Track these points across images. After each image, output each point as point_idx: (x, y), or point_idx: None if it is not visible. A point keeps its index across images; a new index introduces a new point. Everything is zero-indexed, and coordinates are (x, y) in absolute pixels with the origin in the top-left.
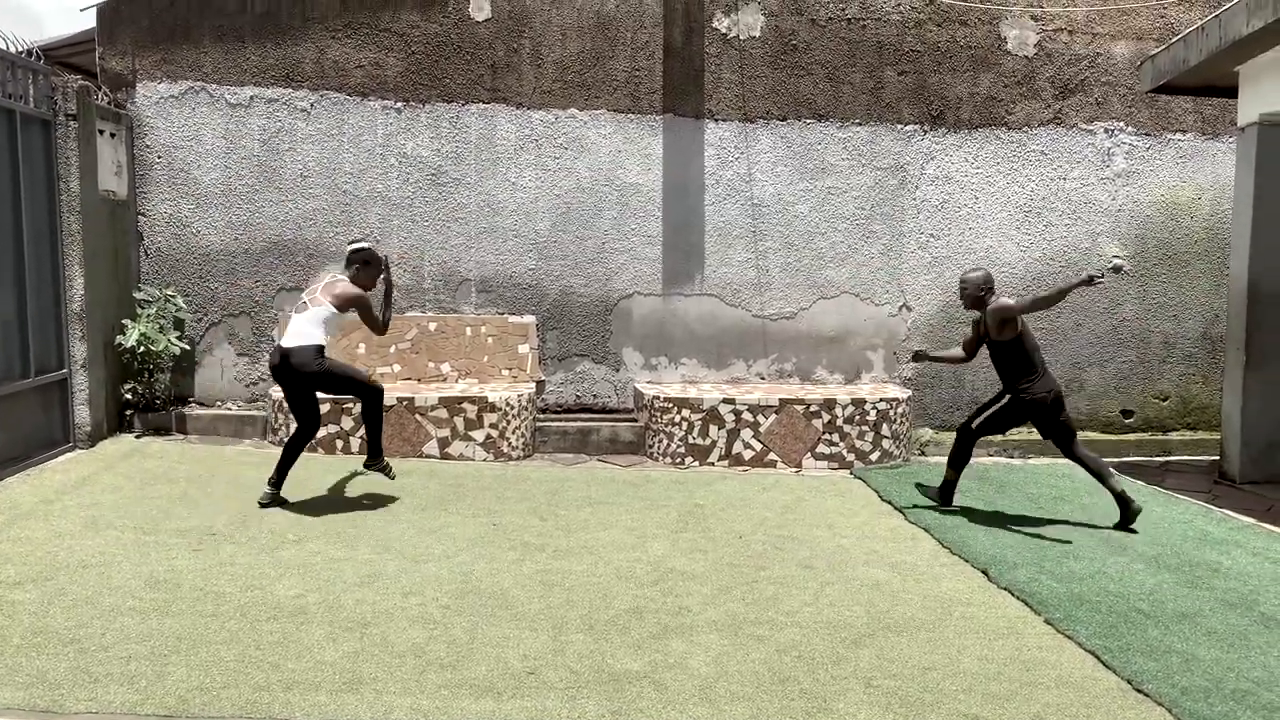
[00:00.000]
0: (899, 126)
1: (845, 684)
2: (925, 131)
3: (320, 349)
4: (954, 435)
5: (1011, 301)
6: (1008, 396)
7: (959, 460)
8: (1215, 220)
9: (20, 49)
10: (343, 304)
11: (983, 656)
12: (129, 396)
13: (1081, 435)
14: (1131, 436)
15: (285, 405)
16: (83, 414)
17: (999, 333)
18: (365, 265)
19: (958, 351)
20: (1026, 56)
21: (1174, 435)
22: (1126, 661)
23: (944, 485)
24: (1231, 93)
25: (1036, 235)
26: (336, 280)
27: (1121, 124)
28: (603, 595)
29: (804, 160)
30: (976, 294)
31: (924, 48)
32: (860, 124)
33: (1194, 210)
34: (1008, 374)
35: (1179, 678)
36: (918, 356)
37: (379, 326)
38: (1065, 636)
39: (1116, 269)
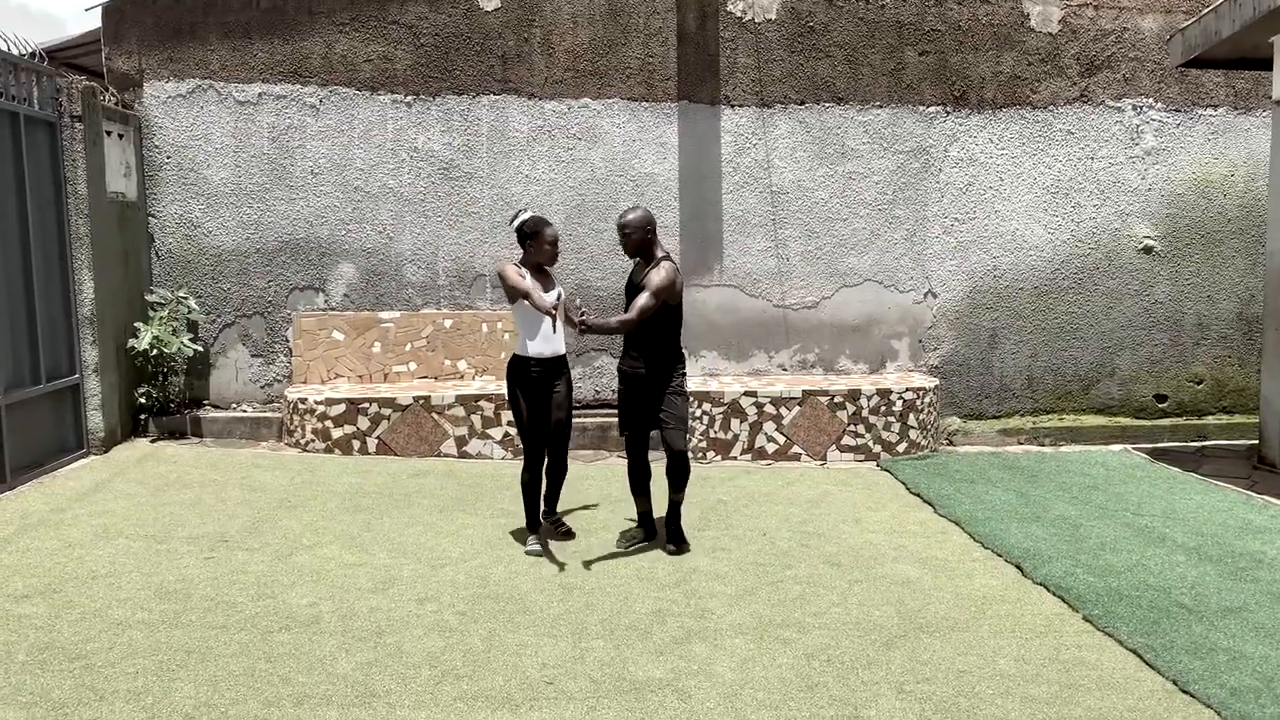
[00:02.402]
0: (921, 108)
1: (876, 689)
2: (948, 113)
3: (513, 358)
4: (980, 423)
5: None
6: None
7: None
8: (1250, 197)
9: (24, 51)
10: (508, 294)
11: (1019, 657)
12: (143, 400)
13: (1114, 421)
14: (1165, 421)
15: (300, 406)
16: (96, 419)
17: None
18: (530, 238)
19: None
20: (1051, 33)
21: (1209, 419)
22: (1171, 660)
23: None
24: (1265, 65)
25: (1064, 217)
26: None
27: (1150, 100)
28: (623, 598)
29: (823, 145)
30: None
31: (945, 26)
32: (881, 106)
33: (1227, 187)
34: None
35: (1227, 677)
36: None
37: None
38: (1105, 634)
39: (1148, 250)
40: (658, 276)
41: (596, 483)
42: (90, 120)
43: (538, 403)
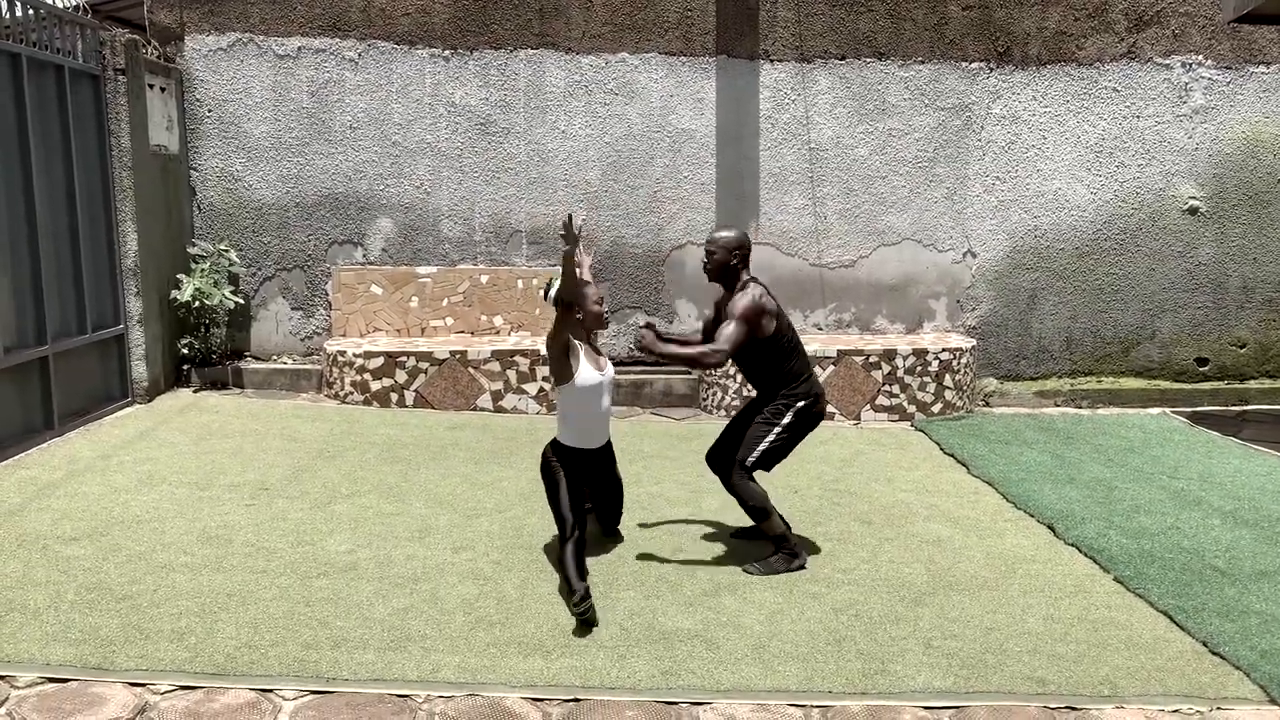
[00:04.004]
0: (963, 64)
1: (904, 645)
2: (991, 69)
3: (552, 442)
4: (1017, 385)
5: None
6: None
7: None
8: None
9: (67, 3)
10: (554, 367)
11: (1048, 616)
12: (185, 351)
13: (1153, 384)
14: (1206, 385)
15: (339, 359)
16: (140, 369)
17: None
18: (570, 305)
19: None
20: None
21: (1251, 384)
22: (1201, 622)
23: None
24: None
25: (1108, 177)
26: None
27: (1200, 57)
28: (655, 551)
29: (863, 101)
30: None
31: None
32: (923, 62)
33: (1278, 148)
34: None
35: (1258, 640)
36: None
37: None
38: (1136, 595)
39: (1193, 210)
40: (741, 301)
41: (630, 439)
42: (133, 73)
43: (577, 487)
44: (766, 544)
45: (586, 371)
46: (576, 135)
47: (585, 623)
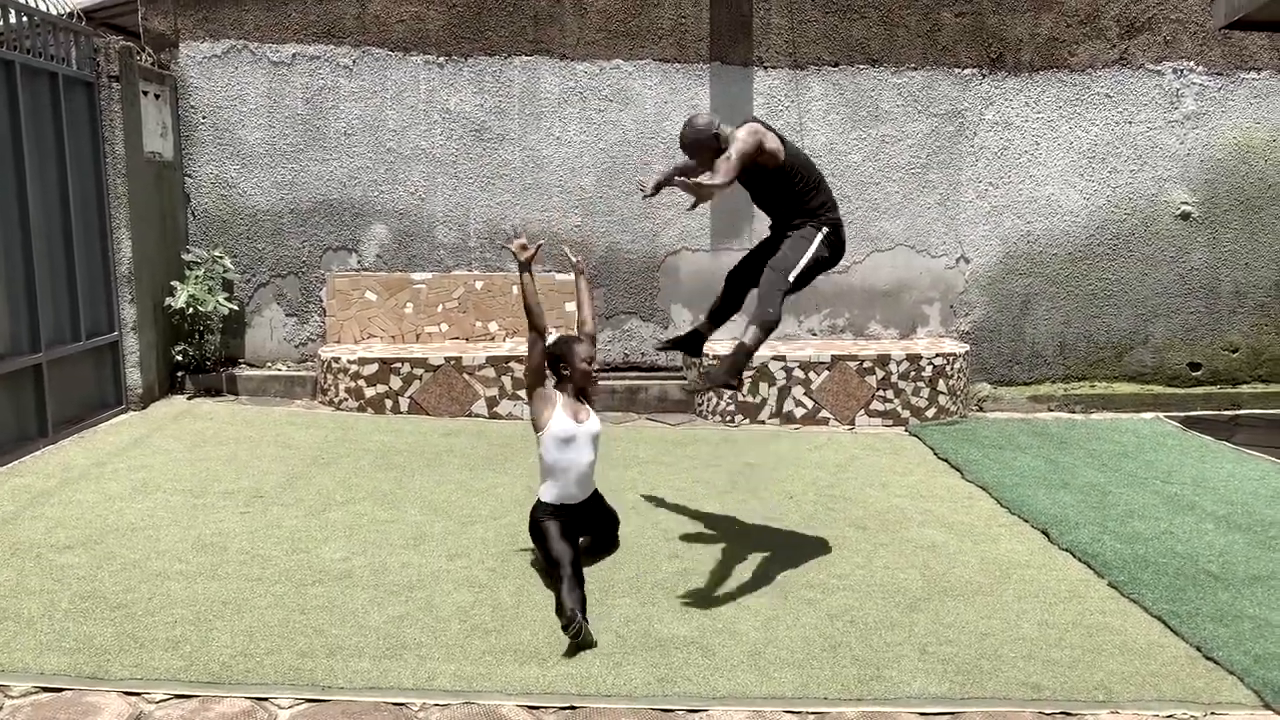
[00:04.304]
0: (956, 71)
1: (899, 650)
2: (984, 75)
3: (535, 505)
4: (1011, 390)
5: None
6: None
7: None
8: None
9: (61, 10)
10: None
11: (1043, 622)
12: (179, 358)
13: (1146, 389)
14: (1199, 390)
15: (334, 365)
16: (134, 376)
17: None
18: (558, 361)
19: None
20: None
21: (1244, 388)
22: (1195, 627)
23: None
24: None
25: (1100, 182)
26: None
27: (1191, 63)
28: (649, 557)
29: (856, 108)
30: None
31: None
32: (915, 69)
33: (1269, 153)
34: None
35: (1251, 644)
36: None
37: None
38: (1130, 600)
39: (1185, 216)
40: (736, 134)
41: (625, 444)
42: (127, 80)
43: (569, 535)
44: (768, 553)
45: (560, 421)
46: (571, 141)
47: (578, 646)
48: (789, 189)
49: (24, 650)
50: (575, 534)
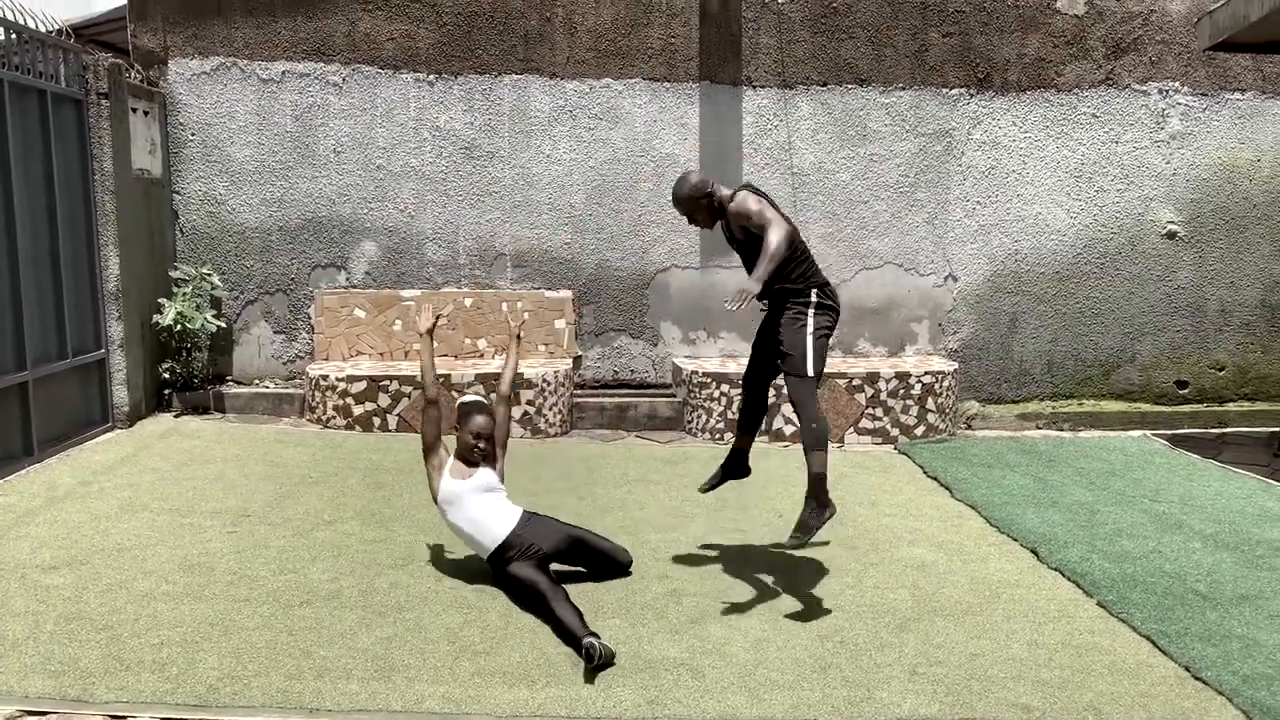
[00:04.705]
0: (944, 90)
1: (889, 671)
2: (971, 95)
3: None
4: (999, 408)
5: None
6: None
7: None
8: (1276, 183)
9: (50, 27)
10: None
11: (1032, 642)
12: (167, 376)
13: (1133, 407)
14: (1186, 408)
15: (322, 383)
16: (121, 394)
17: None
18: (458, 422)
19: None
20: (1077, 15)
21: (1231, 406)
22: (1184, 647)
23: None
24: None
25: (1087, 201)
26: None
27: (1177, 84)
28: (639, 577)
29: (845, 127)
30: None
31: (969, 8)
32: (904, 88)
33: (1253, 173)
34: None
35: (1240, 664)
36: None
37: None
38: (1119, 620)
39: (1171, 235)
40: (743, 206)
41: (615, 463)
42: (116, 97)
43: (537, 569)
44: (757, 572)
45: (446, 484)
46: (561, 160)
47: (603, 667)
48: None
49: (8, 673)
50: (544, 563)
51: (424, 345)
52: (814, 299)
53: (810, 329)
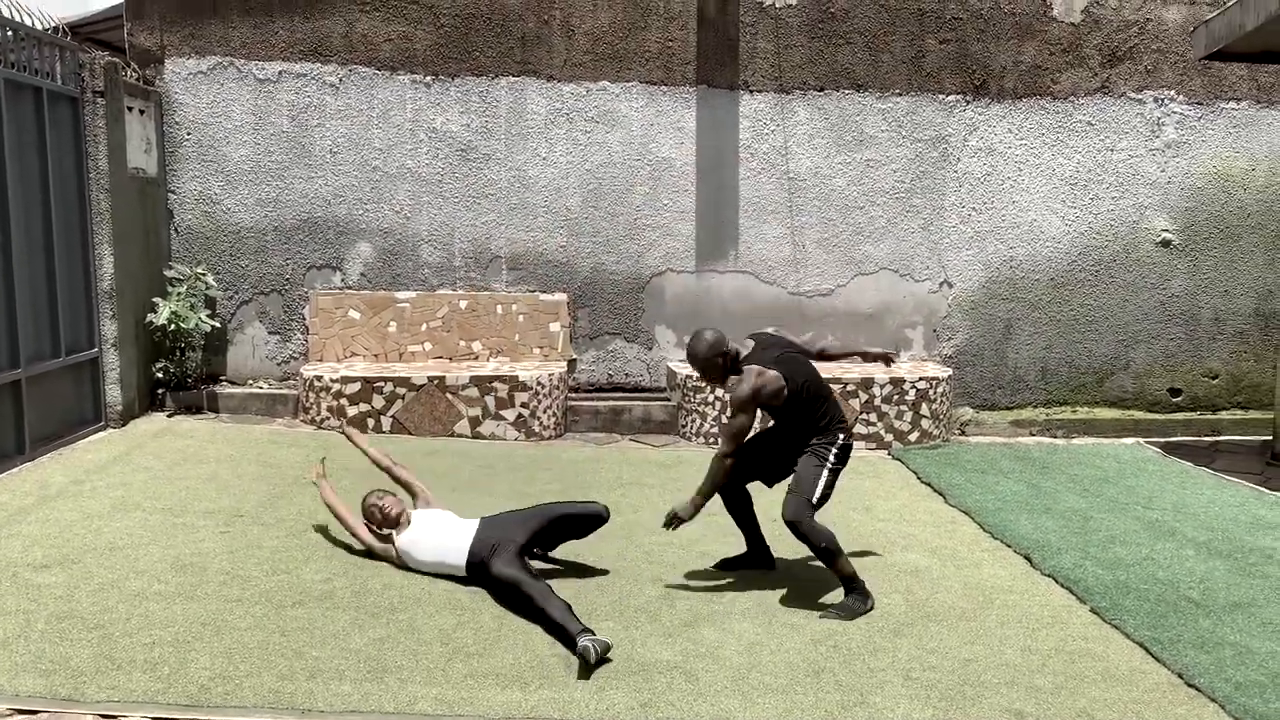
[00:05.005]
0: (940, 97)
1: (883, 676)
2: (968, 102)
3: None
4: (993, 414)
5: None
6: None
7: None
8: (1270, 192)
9: (47, 25)
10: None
11: (1026, 648)
12: (160, 375)
13: (1127, 415)
14: (1179, 416)
15: (316, 384)
16: (114, 393)
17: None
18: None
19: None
20: (1073, 23)
21: (1224, 414)
22: (1177, 654)
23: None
24: None
25: (1082, 209)
26: None
27: (1172, 92)
28: (633, 580)
29: (842, 132)
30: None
31: (966, 15)
32: (900, 94)
33: (1248, 181)
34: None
35: (1233, 672)
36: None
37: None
38: (1112, 627)
39: (1165, 243)
40: (736, 390)
41: (609, 466)
42: (112, 96)
43: (517, 565)
44: (752, 574)
45: (399, 539)
46: (557, 162)
47: (600, 661)
48: (801, 411)
49: None
50: (524, 559)
51: (325, 489)
52: (840, 442)
53: (828, 470)
